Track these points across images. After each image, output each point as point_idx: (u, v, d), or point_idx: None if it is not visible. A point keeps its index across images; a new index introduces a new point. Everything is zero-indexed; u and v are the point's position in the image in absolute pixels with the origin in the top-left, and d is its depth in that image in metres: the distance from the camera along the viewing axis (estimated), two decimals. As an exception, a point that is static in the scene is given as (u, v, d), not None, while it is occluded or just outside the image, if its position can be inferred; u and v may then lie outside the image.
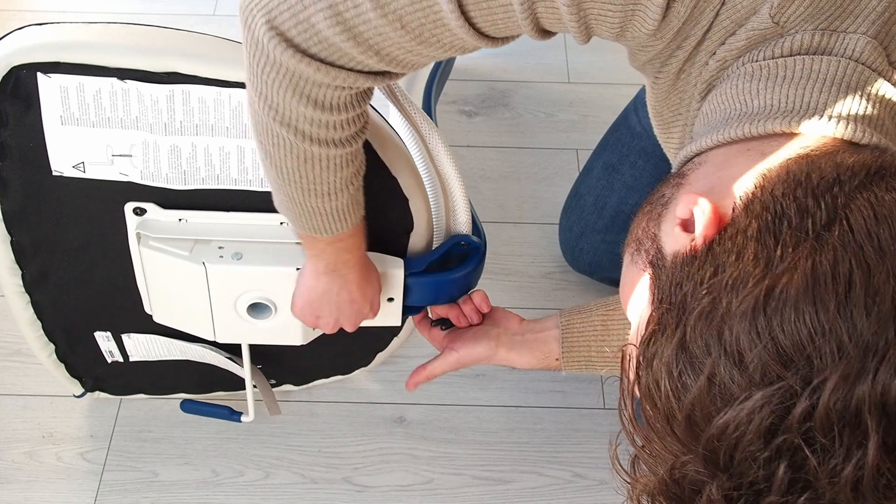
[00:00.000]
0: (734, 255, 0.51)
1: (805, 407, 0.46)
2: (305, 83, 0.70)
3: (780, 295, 0.47)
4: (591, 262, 1.32)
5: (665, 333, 0.52)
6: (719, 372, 0.48)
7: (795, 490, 0.47)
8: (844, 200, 0.50)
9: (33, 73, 0.84)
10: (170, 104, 0.86)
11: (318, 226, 0.83)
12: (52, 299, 1.04)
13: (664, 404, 0.51)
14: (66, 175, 0.91)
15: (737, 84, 0.63)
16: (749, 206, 0.53)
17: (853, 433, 0.46)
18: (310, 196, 0.80)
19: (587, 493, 1.18)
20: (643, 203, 0.66)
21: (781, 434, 0.47)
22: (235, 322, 1.00)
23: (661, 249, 0.59)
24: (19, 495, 1.15)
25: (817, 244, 0.48)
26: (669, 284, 0.54)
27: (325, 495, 1.17)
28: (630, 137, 1.25)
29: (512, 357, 1.02)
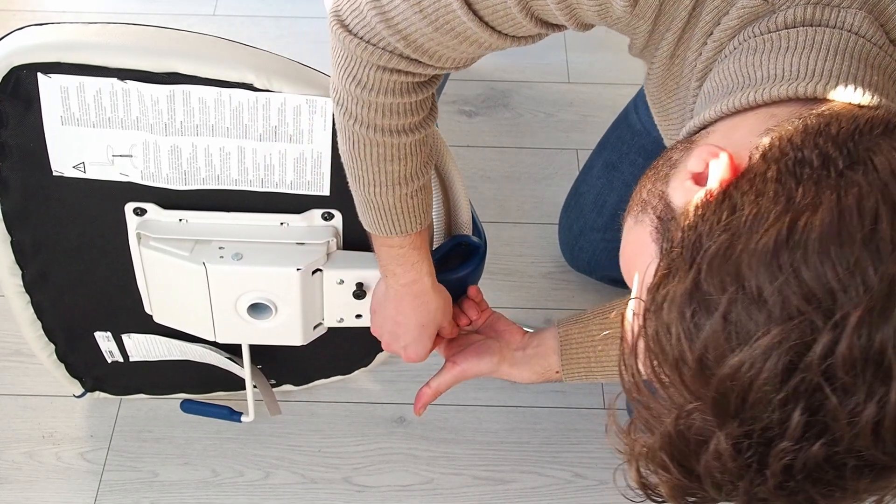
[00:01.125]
0: (753, 195, 0.48)
1: (826, 343, 0.44)
2: (355, 63, 0.75)
3: (804, 229, 0.45)
4: (590, 261, 1.32)
5: (677, 276, 0.49)
6: (735, 309, 0.46)
7: (811, 435, 0.45)
8: (867, 146, 0.49)
9: (33, 73, 0.84)
10: (170, 104, 0.85)
11: (370, 220, 0.87)
12: (53, 299, 1.04)
13: (674, 349, 0.48)
14: (66, 175, 0.91)
15: (739, 58, 0.62)
16: (767, 154, 0.51)
17: (876, 372, 0.44)
18: (360, 184, 0.84)
19: (587, 493, 1.18)
20: (647, 170, 0.65)
21: (800, 373, 0.44)
22: (236, 322, 1.00)
23: (669, 204, 0.57)
24: (19, 495, 1.15)
25: (841, 181, 0.46)
26: (681, 230, 0.51)
27: (325, 495, 1.17)
28: (630, 135, 1.25)
29: (513, 373, 1.03)
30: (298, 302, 0.98)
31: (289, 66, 0.87)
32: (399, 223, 0.86)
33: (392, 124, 0.79)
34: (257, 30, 1.74)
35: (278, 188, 0.92)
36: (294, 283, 0.95)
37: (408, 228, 0.87)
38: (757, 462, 0.47)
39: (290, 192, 0.93)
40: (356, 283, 0.98)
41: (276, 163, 0.90)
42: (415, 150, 0.83)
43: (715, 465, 0.48)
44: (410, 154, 0.82)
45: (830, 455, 0.46)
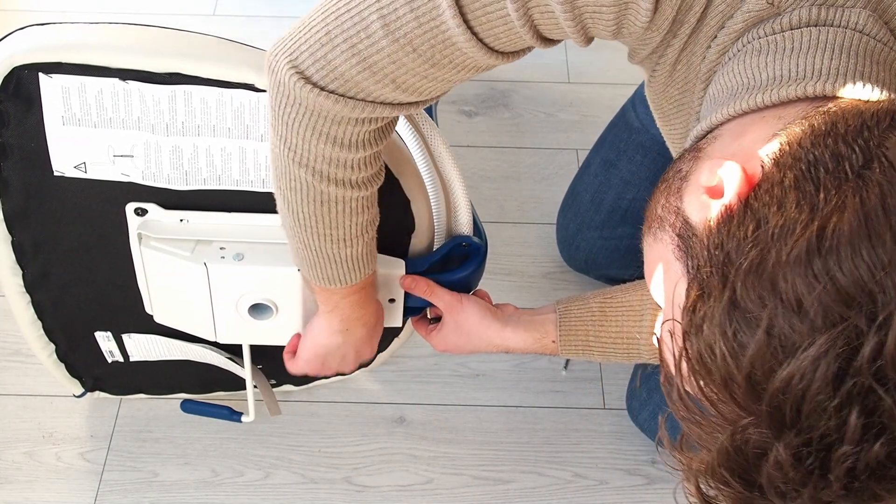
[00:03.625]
0: (775, 205, 0.49)
1: (873, 345, 0.44)
2: (325, 120, 0.71)
3: (833, 234, 0.46)
4: (587, 259, 1.32)
5: (712, 296, 0.49)
6: (778, 323, 0.46)
7: (870, 436, 0.45)
8: (877, 141, 0.49)
9: (35, 73, 0.83)
10: (171, 105, 0.85)
11: (333, 275, 0.86)
12: (53, 299, 1.04)
13: (720, 368, 0.48)
14: (67, 175, 0.91)
15: (743, 60, 0.62)
16: (779, 161, 0.51)
17: None
18: (326, 241, 0.82)
19: (587, 493, 1.18)
20: (658, 183, 0.64)
21: (851, 378, 0.44)
22: (236, 322, 1.00)
23: (687, 220, 0.57)
24: (19, 495, 1.15)
25: (861, 182, 0.47)
26: (707, 249, 0.52)
27: (325, 495, 1.17)
28: (628, 133, 1.25)
29: (507, 334, 1.01)
30: (299, 302, 0.98)
31: (290, 67, 0.87)
32: (361, 271, 0.88)
33: (361, 178, 0.78)
34: (257, 30, 1.74)
35: (279, 188, 0.92)
36: (295, 284, 0.95)
37: (367, 272, 0.89)
38: (819, 468, 0.47)
39: (291, 193, 0.93)
40: (357, 284, 0.98)
41: (277, 163, 0.90)
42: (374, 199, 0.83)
43: (777, 476, 0.48)
44: (372, 203, 0.83)
45: (892, 452, 0.46)
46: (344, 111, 0.70)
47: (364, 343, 0.99)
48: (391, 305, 1.02)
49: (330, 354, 0.99)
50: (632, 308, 0.98)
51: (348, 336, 0.96)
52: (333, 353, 0.99)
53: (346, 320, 0.94)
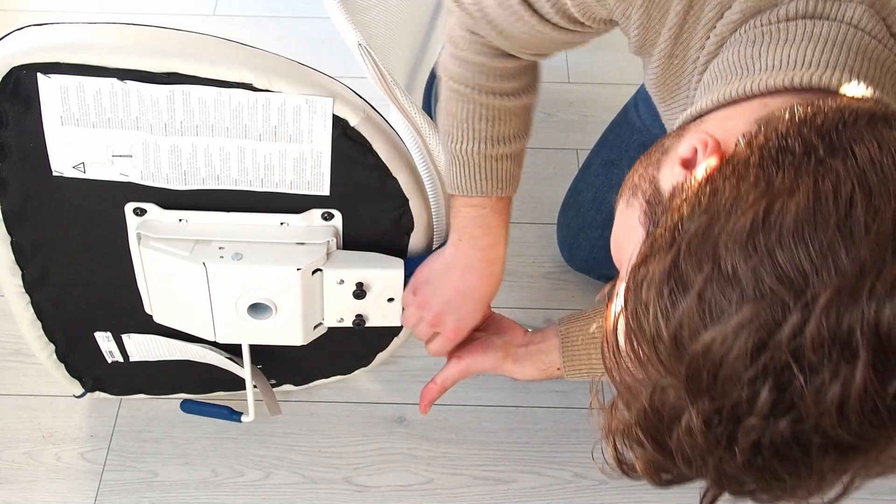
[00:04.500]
0: (734, 179, 0.50)
1: (796, 322, 0.45)
2: (453, 26, 0.84)
3: (780, 212, 0.47)
4: (587, 259, 1.32)
5: (657, 256, 0.51)
6: (710, 288, 0.47)
7: (779, 412, 0.46)
8: (850, 135, 0.50)
9: (33, 73, 0.84)
10: (170, 105, 0.85)
11: (452, 177, 0.89)
12: (53, 299, 1.04)
13: (651, 327, 0.50)
14: (66, 175, 0.91)
15: (738, 49, 0.63)
16: (752, 141, 0.52)
17: (843, 352, 0.45)
18: (445, 137, 0.88)
19: (587, 493, 1.18)
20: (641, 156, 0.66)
21: (769, 351, 0.46)
22: (236, 322, 1.00)
23: (658, 188, 0.59)
24: (19, 495, 1.15)
25: (820, 168, 0.48)
26: (665, 212, 0.53)
27: (325, 495, 1.17)
28: (630, 133, 1.25)
29: (516, 369, 1.03)
30: (298, 302, 0.98)
31: (289, 66, 0.87)
32: (482, 182, 0.88)
33: (484, 84, 0.84)
34: (257, 30, 1.74)
35: (278, 188, 0.92)
36: (294, 283, 0.95)
37: (489, 190, 0.89)
38: (726, 438, 0.48)
39: (289, 192, 0.93)
40: (356, 283, 0.98)
41: (275, 163, 0.90)
42: (504, 117, 0.86)
43: (686, 441, 0.49)
44: (500, 119, 0.86)
45: (797, 433, 0.47)
46: (459, 17, 0.82)
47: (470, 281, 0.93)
48: (390, 305, 1.01)
49: (437, 270, 0.95)
50: None
51: (460, 252, 0.92)
52: (440, 269, 0.94)
53: (459, 231, 0.92)
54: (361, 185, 0.93)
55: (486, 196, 0.89)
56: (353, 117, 0.87)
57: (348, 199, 0.94)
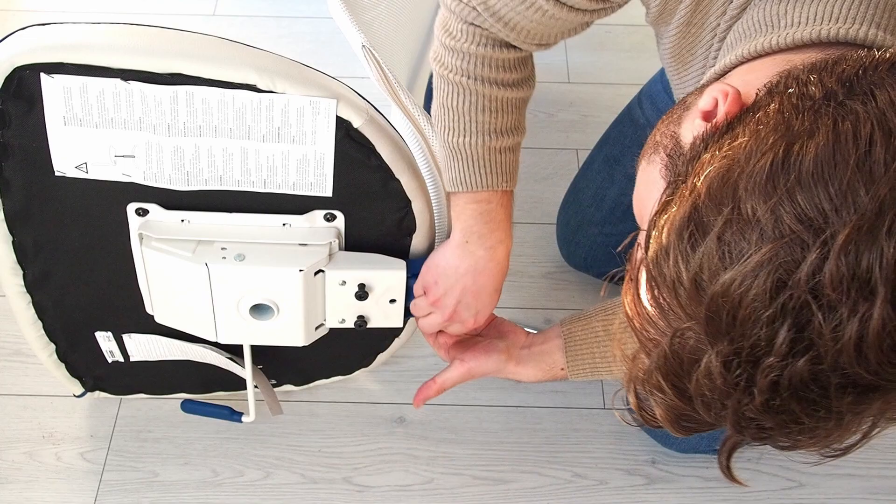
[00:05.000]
0: (754, 125, 0.50)
1: (815, 261, 0.45)
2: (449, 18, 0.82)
3: (799, 152, 0.47)
4: (587, 256, 1.32)
5: (678, 202, 0.51)
6: (730, 229, 0.47)
7: (797, 351, 0.46)
8: (869, 80, 0.50)
9: (36, 73, 0.83)
10: (173, 105, 0.85)
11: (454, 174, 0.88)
12: (54, 299, 1.04)
13: (671, 270, 0.50)
14: (68, 175, 0.90)
15: (763, 7, 0.63)
16: (773, 89, 0.53)
17: (861, 290, 0.45)
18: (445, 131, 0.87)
19: (587, 493, 1.18)
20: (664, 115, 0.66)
21: (788, 290, 0.46)
22: (237, 323, 1.00)
23: (679, 142, 0.59)
24: (19, 495, 1.15)
25: (840, 110, 0.47)
26: (686, 160, 0.54)
27: (325, 495, 1.17)
28: (633, 130, 1.26)
29: (519, 371, 1.03)
30: (300, 303, 0.98)
31: (292, 68, 0.87)
32: (485, 176, 0.88)
33: (484, 74, 0.83)
34: (257, 30, 1.73)
35: (281, 189, 0.92)
36: (296, 284, 0.95)
37: (494, 183, 0.88)
38: (745, 380, 0.48)
39: (292, 194, 0.93)
40: (358, 284, 0.98)
41: (278, 164, 0.90)
42: (505, 108, 0.86)
43: (706, 384, 0.50)
44: (501, 110, 0.86)
45: (815, 372, 0.47)
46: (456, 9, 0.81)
47: (483, 281, 0.93)
48: (392, 306, 1.01)
49: (448, 273, 0.94)
50: None
51: (468, 254, 0.92)
52: (451, 273, 0.94)
53: (466, 232, 0.91)
54: (364, 187, 0.93)
55: (492, 190, 0.89)
56: (357, 119, 0.88)
57: (351, 201, 0.94)
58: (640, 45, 1.76)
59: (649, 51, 1.74)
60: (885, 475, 1.19)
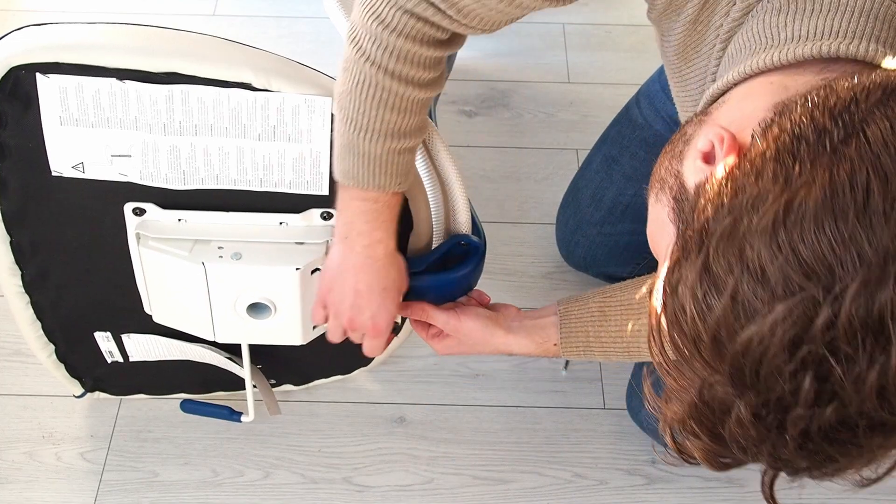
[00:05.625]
0: (753, 175, 0.51)
1: (827, 315, 0.46)
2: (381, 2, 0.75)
3: (799, 207, 0.48)
4: (585, 256, 1.32)
5: (689, 259, 0.52)
6: (742, 289, 0.49)
7: (823, 401, 0.48)
8: (862, 116, 0.50)
9: (32, 73, 0.84)
10: (169, 104, 0.86)
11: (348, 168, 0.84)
12: (52, 299, 1.04)
13: (690, 328, 0.51)
14: (65, 175, 0.91)
15: (763, 19, 0.63)
16: (767, 131, 0.53)
17: (876, 339, 0.46)
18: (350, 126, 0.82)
19: (587, 493, 1.18)
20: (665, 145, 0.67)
21: (805, 345, 0.47)
22: (235, 322, 1.00)
23: (683, 184, 0.60)
24: (19, 495, 1.15)
25: (834, 157, 0.48)
26: (692, 212, 0.55)
27: (325, 495, 1.17)
28: (631, 129, 1.25)
29: (510, 341, 1.01)
30: (298, 301, 0.97)
31: (288, 66, 0.87)
32: (379, 177, 0.85)
33: (403, 72, 0.79)
34: (257, 30, 1.74)
35: (277, 188, 0.92)
36: (293, 283, 0.95)
37: (387, 184, 0.85)
38: (776, 427, 0.50)
39: (288, 192, 0.93)
40: (355, 283, 0.98)
41: (274, 162, 0.90)
42: (414, 108, 0.83)
43: (738, 432, 0.51)
44: (410, 110, 0.82)
45: (843, 418, 0.48)
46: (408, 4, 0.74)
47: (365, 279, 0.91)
48: (390, 305, 1.01)
49: (333, 276, 0.92)
50: (631, 307, 0.98)
51: (349, 253, 0.90)
52: (335, 274, 0.92)
53: (347, 226, 0.89)
54: (360, 185, 0.93)
55: (383, 191, 0.86)
56: (352, 117, 0.87)
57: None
58: (640, 45, 1.76)
59: (649, 51, 1.74)
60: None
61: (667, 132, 1.20)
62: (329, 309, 0.95)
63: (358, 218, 0.88)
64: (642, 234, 0.70)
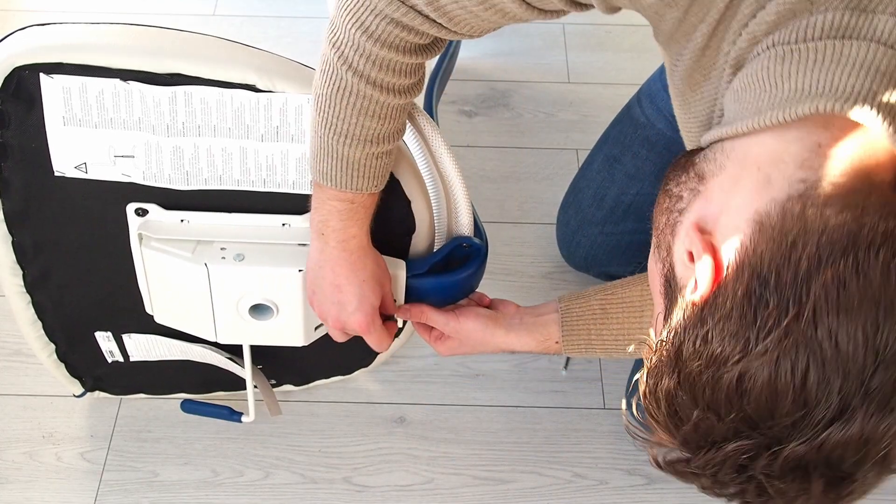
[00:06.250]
0: (721, 324, 0.58)
1: (767, 458, 0.57)
2: (366, 11, 0.75)
3: (750, 380, 0.57)
4: (587, 256, 1.32)
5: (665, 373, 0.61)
6: (704, 419, 0.59)
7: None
8: (818, 293, 0.56)
9: (36, 73, 0.84)
10: (172, 105, 0.85)
11: (326, 170, 0.85)
12: (53, 299, 1.04)
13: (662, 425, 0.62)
14: (68, 176, 0.91)
15: (767, 66, 0.64)
16: (740, 269, 0.59)
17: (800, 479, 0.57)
18: (329, 131, 0.83)
19: (587, 493, 1.18)
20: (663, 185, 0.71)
21: (749, 470, 0.58)
22: (237, 323, 1.00)
23: (673, 268, 0.67)
24: (19, 495, 1.15)
25: (785, 342, 0.56)
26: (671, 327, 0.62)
27: (325, 495, 1.17)
28: (633, 128, 1.25)
29: (511, 339, 1.01)
30: (300, 303, 0.98)
31: (291, 67, 0.87)
32: (357, 180, 0.85)
33: (384, 80, 0.79)
34: (257, 30, 1.74)
35: (280, 188, 0.92)
36: (296, 284, 0.95)
37: (364, 187, 0.86)
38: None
39: (292, 193, 0.93)
40: (357, 284, 0.98)
41: (278, 163, 0.90)
42: (394, 114, 0.83)
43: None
44: (390, 116, 0.83)
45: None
46: (380, 5, 0.74)
47: (342, 273, 0.91)
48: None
49: (314, 275, 0.93)
50: (632, 304, 0.98)
51: (324, 249, 0.90)
52: (315, 273, 0.93)
53: (322, 224, 0.89)
54: (363, 186, 0.93)
55: (360, 192, 0.87)
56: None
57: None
58: (640, 45, 1.76)
59: (649, 51, 1.74)
60: (886, 475, 1.19)
61: (668, 130, 1.20)
62: (316, 310, 0.96)
63: (333, 216, 0.88)
64: (644, 233, 0.73)
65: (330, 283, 0.92)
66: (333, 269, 0.91)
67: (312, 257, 0.92)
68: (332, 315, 0.95)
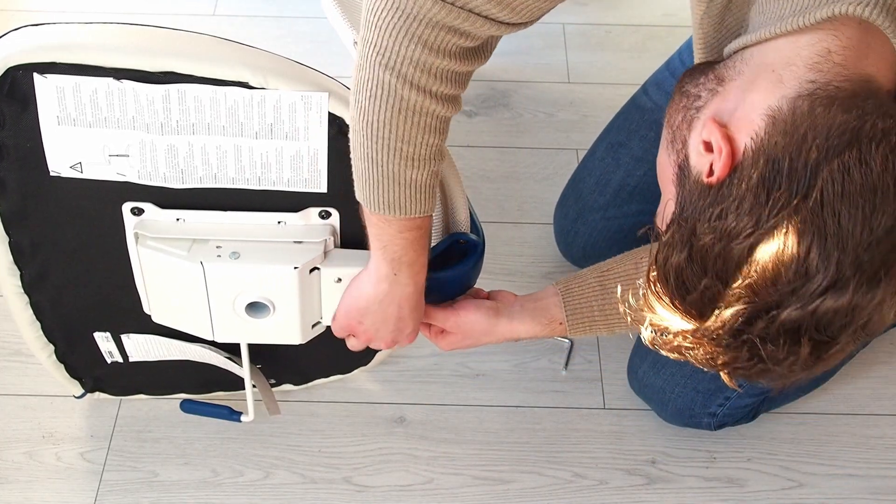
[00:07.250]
0: (736, 203, 0.65)
1: (764, 322, 0.64)
2: (419, 23, 0.74)
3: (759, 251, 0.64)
4: (585, 246, 1.31)
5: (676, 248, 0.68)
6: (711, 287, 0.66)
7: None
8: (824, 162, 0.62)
9: (30, 73, 0.84)
10: (166, 104, 0.86)
11: (394, 199, 0.83)
12: (51, 300, 1.05)
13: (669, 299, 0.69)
14: (63, 175, 0.91)
15: None
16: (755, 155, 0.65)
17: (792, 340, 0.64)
18: (394, 156, 0.80)
19: (587, 493, 1.18)
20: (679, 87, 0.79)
21: (746, 333, 0.65)
22: (234, 321, 1.00)
23: (687, 158, 0.73)
24: (19, 495, 1.15)
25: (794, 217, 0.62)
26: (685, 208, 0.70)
27: (325, 495, 1.17)
28: (640, 114, 1.26)
29: (515, 326, 1.02)
30: (296, 300, 0.97)
31: (285, 65, 0.87)
32: (424, 203, 0.84)
33: (444, 92, 0.78)
34: (257, 30, 1.74)
35: (275, 186, 0.92)
36: (292, 282, 0.95)
37: (430, 208, 0.85)
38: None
39: (287, 190, 0.93)
40: (354, 282, 0.98)
41: (272, 160, 0.90)
42: (447, 127, 0.83)
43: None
44: (446, 129, 0.83)
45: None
46: (440, 15, 0.73)
47: (408, 305, 0.93)
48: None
49: (370, 309, 0.93)
50: (629, 277, 0.99)
51: (395, 285, 0.90)
52: (375, 308, 0.93)
53: (395, 262, 0.88)
54: (358, 184, 0.93)
55: (427, 215, 0.86)
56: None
57: (346, 197, 0.93)
58: (640, 45, 1.76)
59: (649, 51, 1.74)
60: (886, 475, 1.18)
61: None
62: (361, 336, 0.98)
63: (409, 249, 0.88)
64: (649, 214, 0.80)
65: (394, 316, 0.94)
66: (401, 304, 0.93)
67: (371, 296, 0.92)
68: (386, 340, 0.97)
